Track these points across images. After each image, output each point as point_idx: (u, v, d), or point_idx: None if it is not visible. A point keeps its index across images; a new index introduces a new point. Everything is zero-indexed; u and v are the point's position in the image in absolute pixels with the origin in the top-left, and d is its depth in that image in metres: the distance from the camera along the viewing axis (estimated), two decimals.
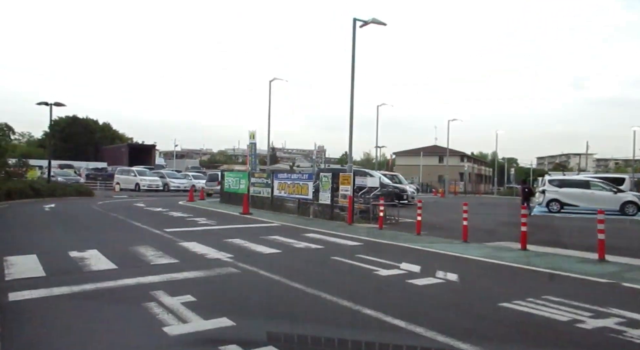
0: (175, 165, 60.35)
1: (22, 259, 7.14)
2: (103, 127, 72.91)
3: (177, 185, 32.62)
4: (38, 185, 21.70)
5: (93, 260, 7.13)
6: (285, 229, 11.85)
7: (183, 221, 13.14)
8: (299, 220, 13.94)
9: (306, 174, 15.23)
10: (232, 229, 11.57)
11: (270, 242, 9.27)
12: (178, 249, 8.42)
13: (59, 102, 22.90)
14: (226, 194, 20.76)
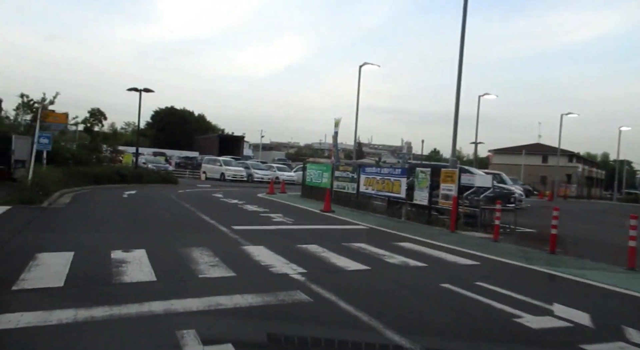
0: (262, 157, 60.81)
1: (54, 257, 5.87)
2: (198, 118, 76.03)
3: (260, 176, 31.92)
4: (125, 171, 21.81)
5: (133, 266, 5.64)
6: (373, 234, 9.78)
7: (256, 217, 11.62)
8: (388, 222, 11.79)
9: (399, 169, 13.00)
10: (310, 231, 9.75)
11: (355, 253, 7.27)
12: (240, 255, 6.75)
13: (148, 88, 22.91)
14: (307, 187, 19.16)
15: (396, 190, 12.83)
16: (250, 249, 7.10)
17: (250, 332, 3.80)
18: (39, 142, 14.68)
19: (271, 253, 6.86)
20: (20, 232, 7.60)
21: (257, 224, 10.15)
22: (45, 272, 5.14)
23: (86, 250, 6.61)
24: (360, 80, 21.24)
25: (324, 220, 11.67)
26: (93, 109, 20.72)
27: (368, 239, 8.82)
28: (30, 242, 6.91)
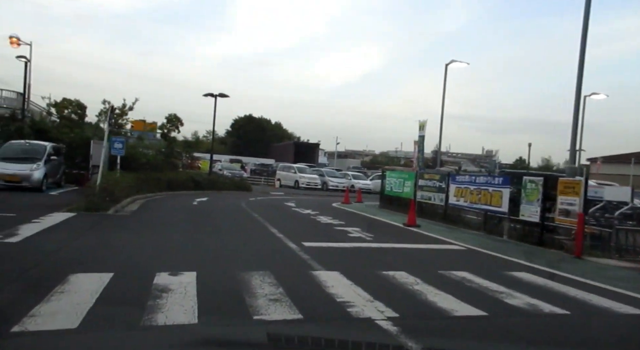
0: (337, 164, 59.77)
1: (88, 281, 4.81)
2: (274, 126, 77.12)
3: (335, 184, 30.61)
4: (199, 177, 21.54)
5: (175, 297, 4.42)
6: (474, 258, 7.92)
7: (331, 231, 10.18)
8: (488, 242, 9.79)
9: (499, 178, 10.91)
10: (394, 251, 8.11)
11: (459, 287, 5.54)
12: (309, 284, 5.31)
13: (223, 93, 22.59)
14: (386, 197, 17.44)
15: (496, 203, 10.76)
16: (323, 276, 5.63)
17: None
18: (113, 147, 14.48)
19: (348, 283, 5.35)
20: (67, 245, 6.78)
21: (331, 240, 8.69)
22: (65, 305, 4.03)
23: (128, 271, 5.54)
24: (446, 80, 19.23)
25: (409, 237, 9.94)
26: (170, 115, 20.68)
27: (470, 265, 7.00)
28: (70, 259, 6.00)
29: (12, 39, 23.78)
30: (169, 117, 20.78)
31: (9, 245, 6.42)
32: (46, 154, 14.84)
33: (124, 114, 18.64)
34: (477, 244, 9.33)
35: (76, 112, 18.51)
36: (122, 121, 18.60)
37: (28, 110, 21.08)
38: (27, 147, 15.20)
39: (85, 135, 17.49)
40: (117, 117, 18.15)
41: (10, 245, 6.42)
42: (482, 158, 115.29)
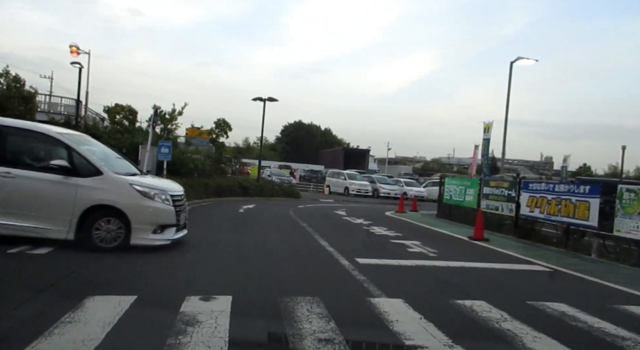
0: (388, 171, 58.25)
1: (104, 306, 4.05)
2: (324, 132, 76.61)
3: (387, 191, 29.32)
4: (247, 183, 21.02)
5: (202, 332, 3.55)
6: (566, 283, 6.59)
7: (387, 245, 9.07)
8: (574, 261, 8.33)
9: (585, 186, 9.37)
10: (464, 271, 6.90)
11: (559, 326, 4.31)
12: (367, 316, 4.30)
13: (272, 97, 22.05)
14: (445, 206, 16.05)
15: (581, 216, 9.24)
16: (384, 306, 4.58)
17: None
18: (160, 152, 14.13)
19: (417, 316, 4.28)
20: (97, 259, 6.13)
21: (389, 257, 7.59)
22: (67, 342, 3.25)
23: (154, 292, 4.77)
24: (511, 79, 17.58)
25: (478, 254, 8.64)
26: (219, 120, 20.34)
27: (565, 293, 5.70)
28: (94, 276, 5.32)
29: (72, 48, 24.54)
30: (218, 122, 20.46)
31: (34, 258, 5.85)
32: None
33: (173, 119, 18.42)
34: (563, 264, 7.89)
35: (127, 117, 18.52)
36: (171, 126, 18.38)
37: (81, 116, 21.49)
38: None
39: (135, 140, 17.38)
40: (166, 122, 17.94)
41: (35, 258, 5.85)
42: (540, 165, 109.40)
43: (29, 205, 6.36)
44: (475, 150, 19.63)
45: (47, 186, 6.43)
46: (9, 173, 6.28)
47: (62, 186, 6.44)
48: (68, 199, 6.42)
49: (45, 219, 6.36)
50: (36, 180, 6.43)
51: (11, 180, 6.28)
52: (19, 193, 6.35)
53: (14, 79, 18.26)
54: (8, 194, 6.29)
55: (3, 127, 6.64)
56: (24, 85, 18.62)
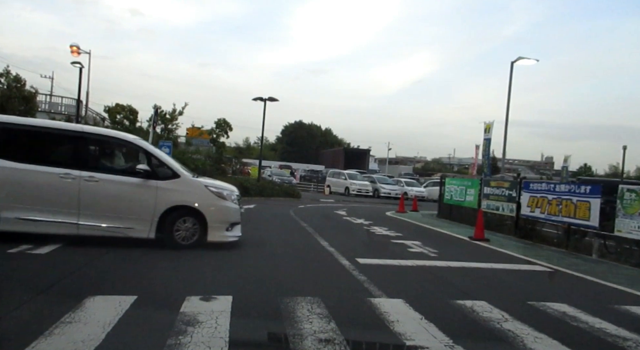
0: (388, 171, 58.24)
1: (105, 306, 4.05)
2: (325, 132, 76.58)
3: (387, 191, 29.29)
4: (248, 183, 20.99)
5: (202, 332, 3.55)
6: (567, 283, 6.58)
7: (388, 244, 9.06)
8: (575, 262, 8.32)
9: (586, 186, 9.35)
10: (465, 271, 6.89)
11: (560, 326, 4.31)
12: (368, 316, 4.29)
13: (273, 97, 22.05)
14: (446, 206, 16.03)
15: (581, 216, 9.22)
16: (384, 306, 4.58)
17: None
18: None
19: (417, 316, 4.27)
20: (97, 258, 6.12)
21: (390, 257, 7.58)
22: (67, 342, 3.24)
23: (155, 292, 4.76)
24: (512, 78, 17.55)
25: (479, 254, 8.64)
26: (219, 120, 20.35)
27: (566, 294, 5.69)
28: (94, 276, 5.31)
29: (73, 48, 24.52)
30: (218, 121, 20.47)
31: (35, 258, 5.85)
32: None
33: (174, 119, 18.44)
34: (564, 264, 7.88)
35: (128, 117, 18.54)
36: (171, 126, 18.39)
37: (81, 116, 21.49)
38: None
39: None
40: (167, 122, 17.95)
41: (36, 258, 5.85)
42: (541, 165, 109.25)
43: (113, 207, 6.76)
44: (476, 150, 19.64)
45: (129, 189, 6.83)
46: (92, 177, 6.68)
47: (143, 189, 6.86)
48: (149, 201, 6.86)
49: (129, 220, 6.80)
50: (119, 183, 6.83)
51: (95, 184, 6.68)
52: (104, 196, 6.75)
53: (14, 78, 18.28)
54: (93, 197, 6.69)
55: (86, 134, 7.11)
56: (24, 85, 18.65)
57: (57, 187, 6.56)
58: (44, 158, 6.77)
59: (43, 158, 6.76)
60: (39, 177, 6.54)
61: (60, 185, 6.55)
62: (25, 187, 6.49)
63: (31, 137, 6.91)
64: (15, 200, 6.43)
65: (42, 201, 6.52)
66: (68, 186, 6.57)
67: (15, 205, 6.41)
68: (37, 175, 6.53)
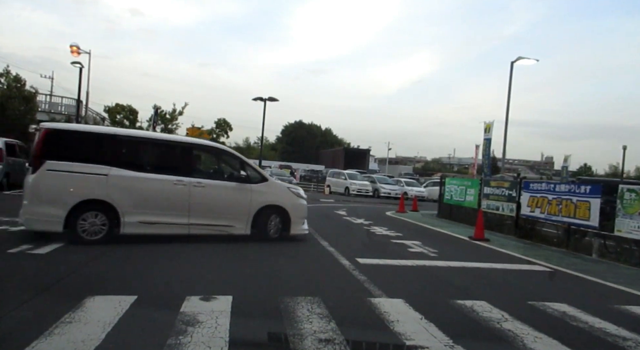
0: (388, 171, 58.23)
1: (104, 306, 4.04)
2: (325, 132, 76.58)
3: (387, 191, 29.27)
4: None
5: (202, 332, 3.55)
6: (567, 283, 6.58)
7: (387, 244, 9.06)
8: (575, 261, 8.32)
9: (586, 186, 9.35)
10: (465, 271, 6.89)
11: (560, 326, 4.31)
12: (368, 316, 4.29)
13: (273, 97, 22.06)
14: (446, 206, 16.03)
15: (581, 215, 9.23)
16: (384, 306, 4.58)
17: None
18: None
19: (417, 316, 4.27)
20: (97, 258, 6.13)
21: (390, 257, 7.59)
22: (68, 341, 3.24)
23: (155, 292, 4.76)
24: (511, 79, 17.56)
25: (479, 254, 8.64)
26: (219, 120, 20.36)
27: (566, 294, 5.69)
28: (94, 276, 5.32)
29: (73, 47, 24.54)
30: (219, 122, 20.48)
31: (35, 258, 5.85)
32: None
33: (174, 119, 18.44)
34: (564, 264, 7.88)
35: (128, 117, 18.55)
36: (172, 126, 18.39)
37: (81, 116, 21.49)
38: None
39: None
40: (167, 122, 17.96)
41: (36, 258, 5.85)
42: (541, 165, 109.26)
43: (217, 209, 7.69)
44: (476, 150, 19.62)
45: (229, 192, 7.83)
46: (200, 183, 7.52)
47: (241, 192, 7.90)
48: (245, 202, 7.90)
49: (229, 219, 7.80)
50: (221, 188, 7.80)
51: (202, 189, 7.52)
52: (209, 199, 7.60)
53: (14, 78, 18.29)
54: (201, 201, 7.51)
55: (193, 144, 8.12)
56: (24, 85, 18.67)
57: (171, 192, 7.29)
58: (159, 167, 7.52)
59: (158, 167, 7.51)
60: (156, 184, 7.23)
61: (174, 191, 7.30)
62: (144, 193, 7.13)
63: (148, 148, 7.76)
64: (137, 205, 7.04)
65: (159, 206, 7.22)
66: (180, 192, 7.33)
67: (137, 210, 7.04)
68: (154, 182, 7.23)
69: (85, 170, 6.80)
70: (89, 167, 6.83)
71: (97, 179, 6.83)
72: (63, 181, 6.68)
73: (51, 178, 6.66)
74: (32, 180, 6.66)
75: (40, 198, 6.63)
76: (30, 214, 6.63)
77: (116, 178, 6.93)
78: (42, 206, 6.60)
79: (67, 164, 6.73)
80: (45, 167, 6.63)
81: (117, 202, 6.89)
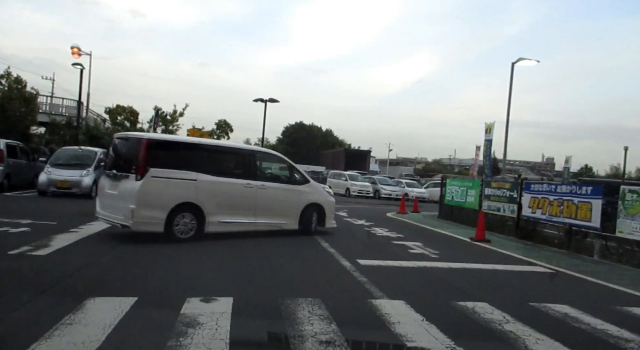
0: (389, 172, 58.19)
1: (105, 307, 4.03)
2: (325, 133, 76.51)
3: (388, 192, 29.25)
4: None
5: (202, 334, 3.55)
6: (568, 284, 6.56)
7: (388, 246, 9.05)
8: (576, 262, 8.30)
9: (588, 187, 9.33)
10: (466, 272, 6.87)
11: (561, 327, 4.29)
12: (369, 318, 4.28)
13: (273, 98, 22.06)
14: (447, 207, 16.01)
15: (582, 216, 9.21)
16: (386, 307, 4.56)
17: None
18: None
19: (419, 318, 4.25)
20: (96, 260, 6.12)
21: (391, 258, 7.57)
22: (67, 343, 3.23)
23: (155, 294, 4.74)
24: (512, 80, 17.55)
25: (480, 255, 8.62)
26: (220, 121, 20.35)
27: (567, 295, 5.67)
28: (94, 277, 5.30)
29: (74, 49, 24.56)
30: (219, 123, 20.47)
31: (35, 259, 5.83)
32: (96, 160, 14.71)
33: (175, 120, 18.44)
34: (565, 265, 7.86)
35: (129, 118, 18.55)
36: (172, 127, 18.38)
37: (82, 117, 21.49)
38: (78, 153, 15.18)
39: None
40: (168, 123, 17.95)
41: (36, 259, 5.84)
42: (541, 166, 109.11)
43: (276, 208, 8.80)
44: (477, 151, 19.59)
45: (284, 193, 8.95)
46: (263, 185, 8.56)
47: (292, 192, 9.08)
48: (295, 201, 9.10)
49: (284, 216, 8.95)
50: (278, 189, 8.86)
51: (264, 191, 8.54)
52: (270, 199, 8.66)
53: (15, 80, 18.29)
54: (264, 201, 8.55)
55: (256, 152, 9.34)
56: (25, 86, 18.65)
57: (242, 194, 8.23)
58: (232, 172, 8.39)
59: (232, 172, 8.38)
60: (232, 187, 8.13)
61: (244, 193, 8.25)
62: (223, 195, 7.98)
63: (224, 155, 8.76)
64: (218, 206, 7.87)
65: (234, 206, 8.14)
66: (249, 193, 8.29)
67: (217, 210, 7.86)
68: (230, 186, 8.11)
69: (180, 176, 7.53)
70: (182, 173, 7.56)
71: (188, 183, 7.58)
72: (163, 186, 7.35)
73: (155, 184, 7.28)
74: (139, 187, 7.17)
75: (147, 202, 7.19)
76: (139, 217, 7.13)
77: (203, 182, 7.71)
78: (147, 210, 7.20)
79: (167, 171, 7.42)
80: (149, 174, 7.23)
81: (204, 204, 7.68)
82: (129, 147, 7.80)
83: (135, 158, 7.32)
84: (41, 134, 22.89)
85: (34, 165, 15.78)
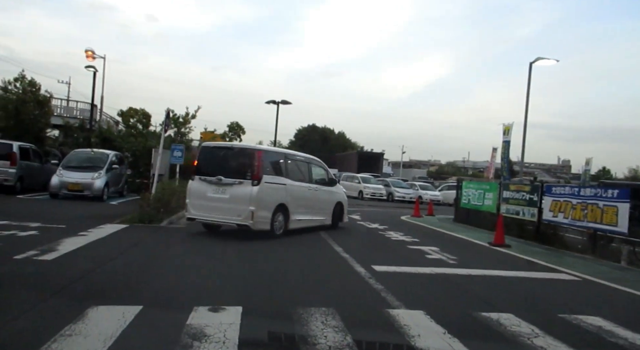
0: (402, 174, 57.67)
1: (107, 317, 3.81)
2: (338, 136, 76.21)
3: (402, 195, 28.88)
4: None
5: (209, 349, 3.29)
6: (598, 294, 6.19)
7: (404, 250, 8.74)
8: (603, 269, 7.90)
9: (614, 190, 8.91)
10: (487, 280, 6.54)
11: (597, 343, 3.96)
12: (387, 330, 4.01)
13: (285, 100, 21.88)
14: (463, 210, 15.61)
15: (608, 221, 8.79)
16: (404, 318, 4.27)
17: None
18: (172, 155, 14.00)
19: (440, 330, 3.96)
20: (103, 265, 5.94)
21: (407, 264, 7.27)
22: None
23: (161, 302, 4.52)
24: (530, 80, 17.09)
25: (501, 261, 8.26)
26: (232, 123, 20.22)
27: (600, 306, 5.31)
28: (99, 284, 5.10)
29: (88, 52, 24.69)
30: (231, 125, 20.34)
31: (40, 264, 5.67)
32: (108, 163, 14.67)
33: (187, 122, 18.32)
34: (591, 272, 7.47)
35: (141, 121, 18.48)
36: (184, 129, 18.28)
37: (95, 120, 21.54)
38: (91, 156, 15.16)
39: (149, 143, 17.31)
40: (180, 126, 17.85)
41: (42, 264, 5.67)
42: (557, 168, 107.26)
43: (322, 206, 10.48)
44: (493, 153, 19.17)
45: (325, 194, 10.62)
46: (317, 188, 10.28)
47: (328, 193, 10.78)
48: (330, 200, 10.83)
49: (325, 213, 10.63)
50: (323, 191, 10.53)
51: (316, 192, 10.23)
52: (320, 200, 10.36)
53: (29, 83, 18.37)
54: (316, 201, 10.20)
55: (309, 159, 10.71)
56: (39, 89, 18.72)
57: (308, 196, 9.86)
58: (301, 177, 9.89)
59: (301, 177, 9.89)
60: (303, 190, 9.75)
61: (308, 195, 9.90)
62: (299, 197, 9.47)
63: (296, 163, 10.09)
64: (297, 207, 9.37)
65: (304, 206, 9.70)
66: (312, 195, 10.00)
67: (296, 210, 9.36)
68: (302, 189, 9.71)
69: (278, 182, 8.95)
70: (279, 179, 9.01)
71: (282, 188, 9.00)
72: (270, 191, 8.67)
73: (266, 189, 8.54)
74: (257, 191, 8.37)
75: (262, 204, 8.45)
76: (258, 217, 8.36)
77: (289, 187, 9.19)
78: (262, 211, 8.48)
79: (271, 177, 8.77)
80: (264, 180, 8.50)
81: (290, 205, 9.11)
82: (240, 156, 9.04)
83: (251, 166, 8.50)
84: (55, 136, 23.01)
85: (46, 167, 15.80)
